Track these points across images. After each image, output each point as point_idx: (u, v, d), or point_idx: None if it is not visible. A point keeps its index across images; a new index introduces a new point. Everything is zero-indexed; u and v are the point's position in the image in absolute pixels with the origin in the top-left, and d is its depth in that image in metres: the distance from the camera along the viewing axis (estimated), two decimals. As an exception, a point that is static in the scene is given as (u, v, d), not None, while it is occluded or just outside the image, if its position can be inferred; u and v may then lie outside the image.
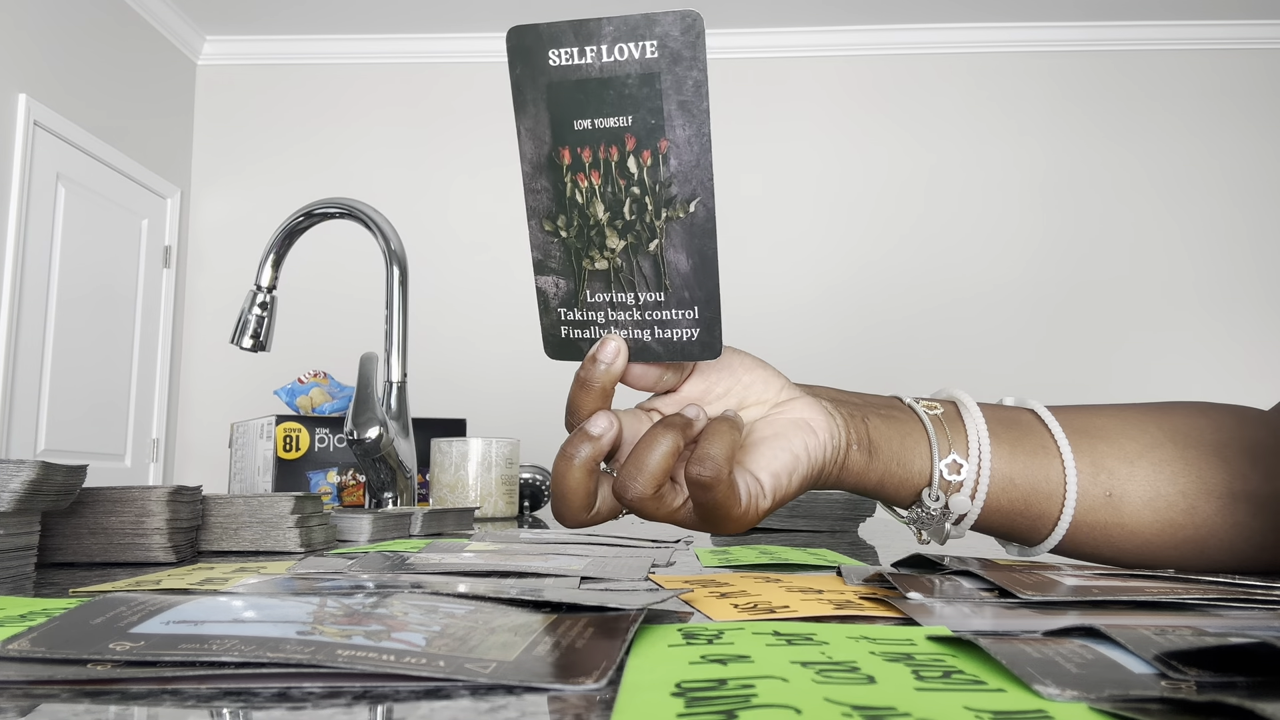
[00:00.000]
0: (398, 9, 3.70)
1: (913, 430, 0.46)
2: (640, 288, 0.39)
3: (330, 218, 1.10)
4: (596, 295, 0.40)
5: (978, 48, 3.79)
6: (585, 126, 0.37)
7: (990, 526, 0.48)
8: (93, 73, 3.34)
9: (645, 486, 0.38)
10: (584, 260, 0.39)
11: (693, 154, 0.36)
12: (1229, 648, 0.22)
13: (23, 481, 0.44)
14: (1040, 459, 0.47)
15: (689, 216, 0.37)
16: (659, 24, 0.35)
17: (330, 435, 1.25)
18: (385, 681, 0.22)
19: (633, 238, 0.38)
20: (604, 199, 0.38)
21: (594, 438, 0.39)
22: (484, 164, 3.86)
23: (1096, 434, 0.48)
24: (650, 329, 0.39)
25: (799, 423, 0.43)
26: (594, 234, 0.39)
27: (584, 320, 0.40)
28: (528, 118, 0.38)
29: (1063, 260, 3.70)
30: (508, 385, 3.72)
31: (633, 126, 0.36)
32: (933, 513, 0.46)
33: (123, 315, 3.51)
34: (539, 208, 0.39)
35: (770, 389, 0.44)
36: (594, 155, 0.37)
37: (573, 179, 0.38)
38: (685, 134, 0.36)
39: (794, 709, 0.19)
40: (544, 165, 0.38)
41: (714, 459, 0.37)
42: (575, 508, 0.40)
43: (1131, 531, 0.47)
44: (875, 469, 0.45)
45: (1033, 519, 0.47)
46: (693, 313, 0.38)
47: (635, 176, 0.37)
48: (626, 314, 0.39)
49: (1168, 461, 0.47)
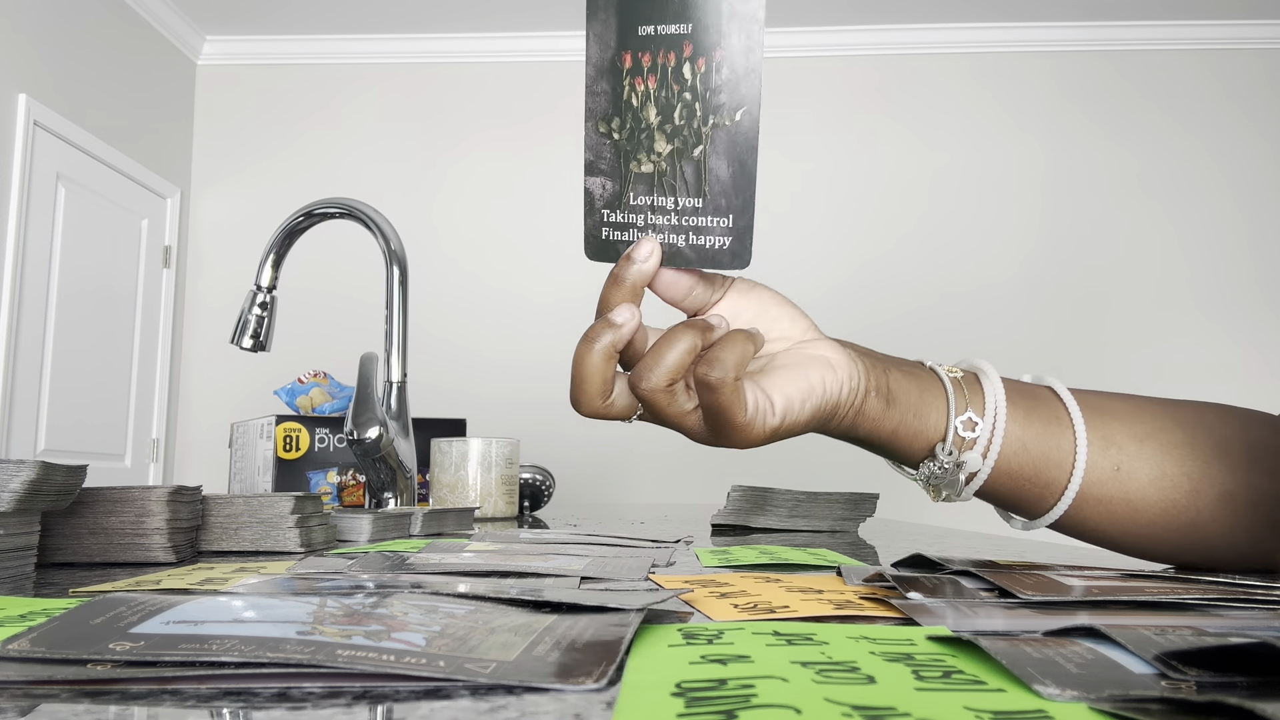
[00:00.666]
0: (398, 9, 3.70)
1: (931, 386, 0.48)
2: (681, 192, 0.40)
3: (330, 218, 1.10)
4: (639, 198, 0.41)
5: (978, 47, 3.79)
6: (648, 32, 0.39)
7: (998, 491, 0.49)
8: (93, 73, 3.34)
9: (660, 378, 0.39)
10: (632, 163, 0.41)
11: (744, 64, 0.38)
12: (1229, 648, 0.22)
13: (23, 481, 0.44)
14: (1053, 428, 0.48)
15: (734, 125, 0.39)
16: None
17: (330, 435, 1.25)
18: (385, 681, 0.22)
19: (679, 142, 0.40)
20: (657, 103, 0.40)
21: (616, 325, 0.40)
22: (484, 163, 3.86)
23: (1109, 412, 0.49)
24: (686, 234, 0.41)
25: (820, 359, 0.44)
26: (644, 137, 0.40)
27: (625, 222, 0.42)
28: (597, 23, 0.40)
29: (1061, 259, 3.71)
30: (508, 385, 3.72)
31: (691, 34, 0.39)
32: (945, 466, 0.47)
33: (123, 315, 3.51)
34: (597, 109, 0.41)
35: (796, 327, 0.45)
36: (653, 60, 0.39)
37: (630, 82, 0.40)
38: (739, 45, 0.38)
39: (794, 709, 0.19)
40: (606, 69, 0.40)
41: (723, 362, 0.39)
42: (590, 393, 0.40)
43: (1135, 508, 0.48)
44: (891, 417, 0.46)
45: (1041, 486, 0.48)
46: (727, 220, 0.40)
47: (688, 82, 0.39)
48: (665, 218, 0.41)
49: (1176, 445, 0.48)
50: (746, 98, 0.38)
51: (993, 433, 0.47)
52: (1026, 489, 0.48)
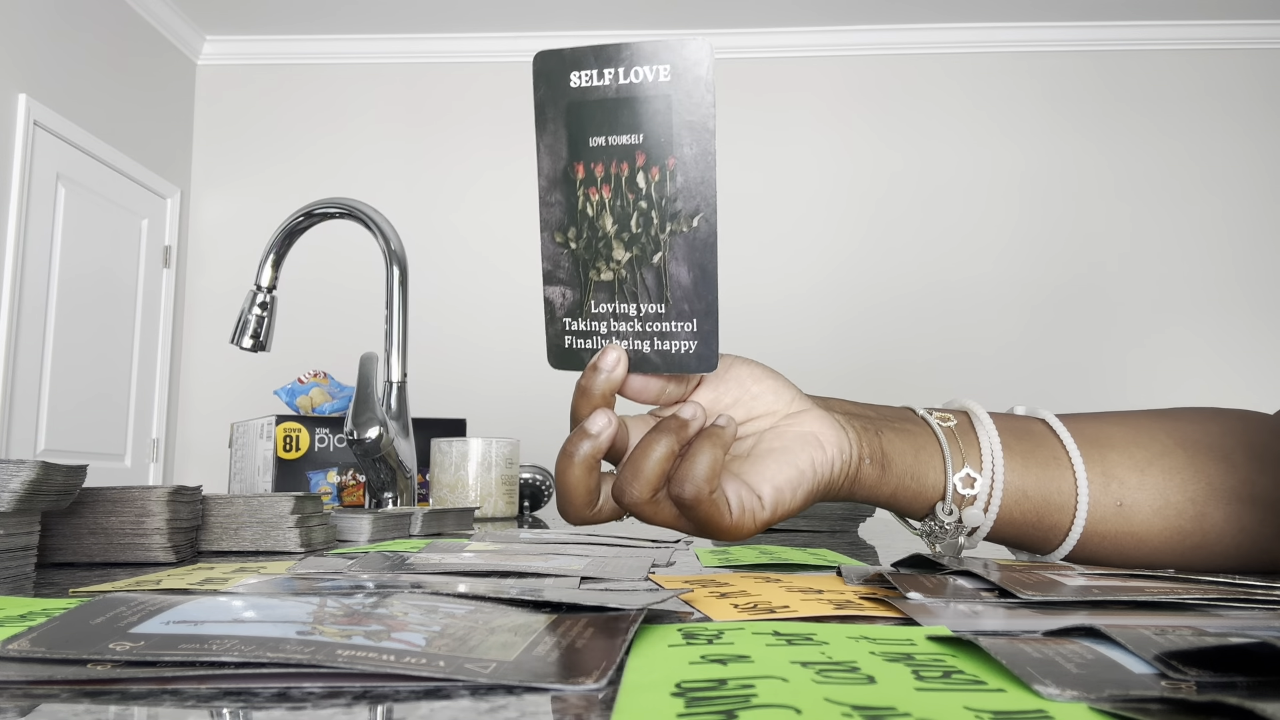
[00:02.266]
0: (398, 9, 3.70)
1: (927, 444, 0.46)
2: (643, 299, 0.40)
3: (330, 218, 1.10)
4: (601, 306, 0.41)
5: (975, 48, 3.79)
6: (600, 143, 0.39)
7: (1002, 538, 0.48)
8: (93, 73, 3.34)
9: (641, 491, 0.39)
10: (591, 271, 0.41)
11: (698, 171, 0.38)
12: (1229, 648, 0.22)
13: (23, 481, 0.44)
14: (1052, 470, 0.47)
15: (692, 231, 0.39)
16: (673, 50, 0.38)
17: (330, 435, 1.25)
18: (385, 681, 0.22)
19: (638, 250, 0.40)
20: (613, 212, 0.40)
21: (592, 435, 0.39)
22: (484, 163, 3.86)
23: (1107, 443, 0.48)
24: (650, 340, 0.41)
25: (807, 437, 0.43)
26: (601, 245, 0.40)
27: (587, 330, 0.42)
28: (547, 135, 0.40)
29: (1061, 259, 3.70)
30: (508, 385, 3.72)
31: (643, 144, 0.39)
32: (946, 526, 0.46)
33: (123, 315, 3.51)
34: (552, 220, 0.41)
35: (780, 400, 0.44)
36: (606, 170, 0.40)
37: (585, 193, 0.40)
38: (692, 152, 0.38)
39: (794, 709, 0.19)
40: (559, 180, 0.41)
41: (694, 479, 0.38)
42: (577, 505, 0.40)
43: (1140, 539, 0.47)
44: (888, 483, 0.45)
45: (1045, 530, 0.47)
46: (691, 325, 0.40)
47: (643, 191, 0.39)
48: (628, 325, 0.41)
49: (1178, 469, 0.48)
50: (703, 203, 0.38)
51: (992, 486, 0.46)
52: (1030, 534, 0.48)
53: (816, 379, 3.50)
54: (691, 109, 0.38)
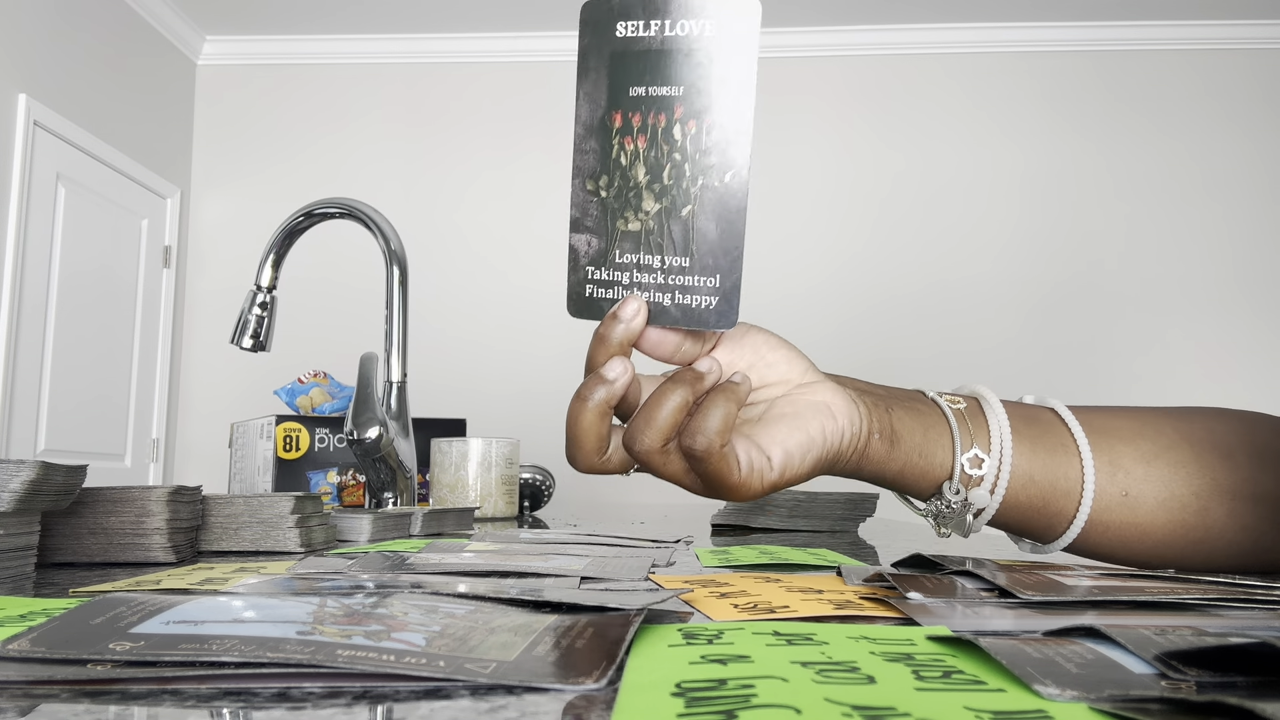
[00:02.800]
0: (398, 9, 3.70)
1: (936, 423, 0.47)
2: (668, 251, 0.40)
3: (330, 218, 1.10)
4: (625, 256, 0.41)
5: (975, 48, 3.79)
6: (639, 93, 0.39)
7: (1007, 522, 0.48)
8: (93, 73, 3.34)
9: (653, 440, 0.39)
10: (618, 220, 0.41)
11: (734, 128, 0.39)
12: (1229, 648, 0.22)
13: (23, 481, 0.44)
14: (1060, 457, 0.47)
15: (723, 185, 0.39)
16: (721, 5, 0.38)
17: (330, 435, 1.25)
18: (385, 681, 0.22)
19: (668, 202, 0.40)
20: (646, 162, 0.40)
21: (608, 381, 0.39)
22: (484, 163, 3.86)
23: (1115, 434, 0.48)
24: (671, 293, 0.40)
25: (819, 405, 0.43)
26: (631, 195, 0.40)
27: (609, 280, 0.41)
28: (588, 83, 0.40)
29: (1059, 259, 3.70)
30: (508, 385, 3.72)
31: (682, 96, 0.39)
32: (952, 505, 0.46)
33: (123, 315, 3.51)
34: (585, 167, 0.41)
35: (794, 370, 0.44)
36: (643, 120, 0.40)
37: (620, 141, 0.40)
38: (730, 109, 0.39)
39: (794, 709, 0.19)
40: (596, 127, 0.41)
41: (705, 431, 0.38)
42: (587, 450, 0.40)
43: (1144, 531, 0.48)
44: (896, 458, 0.46)
45: (1050, 516, 0.47)
46: (714, 280, 0.40)
47: (678, 143, 0.39)
48: (650, 276, 0.41)
49: (1183, 463, 0.48)
50: (736, 160, 0.39)
51: (999, 468, 0.46)
52: (1034, 519, 0.48)
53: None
54: (734, 65, 0.38)
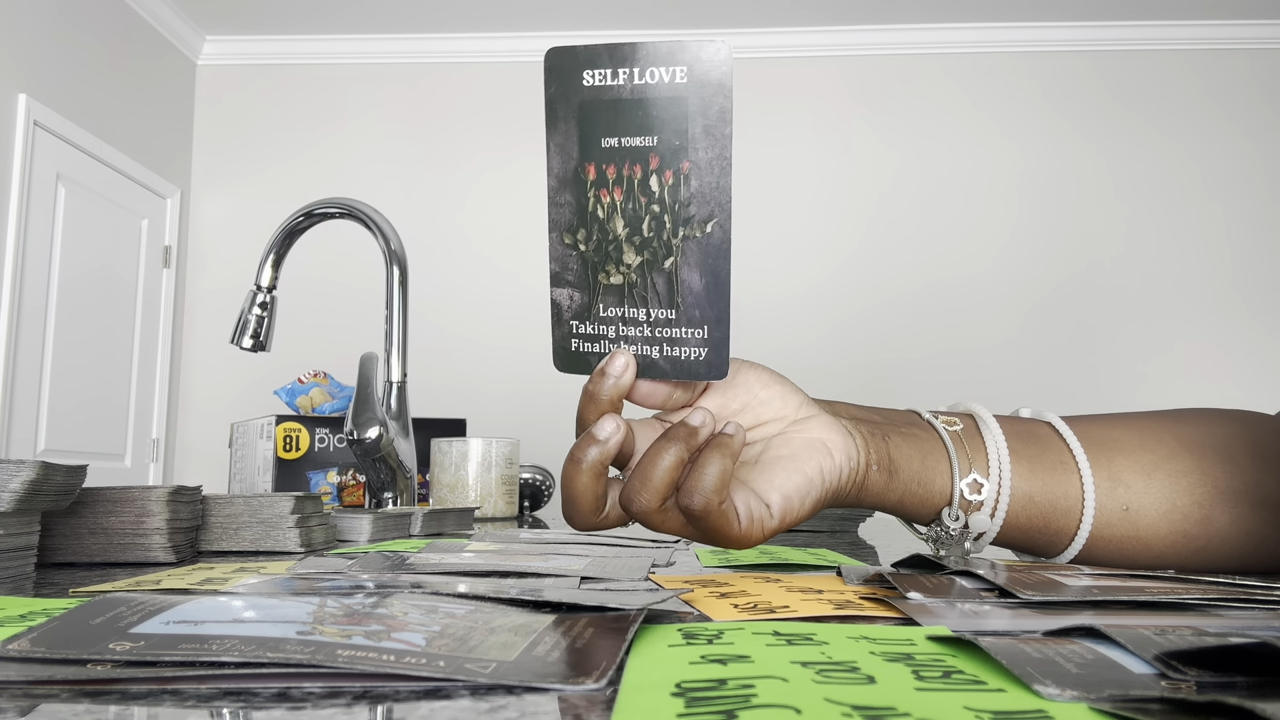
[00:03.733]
0: (399, 9, 3.70)
1: (933, 449, 0.46)
2: (653, 304, 0.39)
3: (330, 218, 1.10)
4: (609, 310, 0.40)
5: (975, 48, 3.79)
6: (612, 144, 0.38)
7: (1008, 542, 0.48)
8: (93, 73, 3.34)
9: (650, 501, 0.38)
10: (600, 274, 0.40)
11: (713, 176, 0.37)
12: (1229, 648, 0.22)
13: (23, 481, 0.44)
14: (1059, 475, 0.47)
15: (705, 236, 0.38)
16: (690, 51, 0.36)
17: (330, 435, 1.25)
18: (385, 681, 0.22)
19: (649, 254, 0.39)
20: (624, 215, 0.39)
21: (600, 441, 0.39)
22: (485, 163, 3.86)
23: (1113, 447, 0.48)
24: (659, 346, 0.40)
25: (815, 444, 0.43)
26: (612, 249, 0.39)
27: (595, 334, 0.41)
28: (558, 134, 0.39)
29: (1060, 259, 3.70)
30: (508, 385, 3.72)
31: (657, 146, 0.38)
32: (952, 532, 0.46)
33: (123, 315, 3.51)
34: (561, 221, 0.40)
35: (788, 406, 0.44)
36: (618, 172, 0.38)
37: (595, 194, 0.39)
38: (707, 157, 0.37)
39: (794, 709, 0.19)
40: (569, 180, 0.39)
41: (703, 490, 0.38)
42: (584, 511, 0.40)
43: (1146, 544, 0.47)
44: (895, 489, 0.45)
45: (1051, 535, 0.47)
46: (702, 332, 0.39)
47: (656, 195, 0.38)
48: (637, 330, 0.40)
49: (1184, 473, 0.47)
50: (717, 209, 0.37)
51: (999, 491, 0.45)
52: (1036, 539, 0.47)
53: (817, 377, 3.49)
54: (708, 113, 0.37)
